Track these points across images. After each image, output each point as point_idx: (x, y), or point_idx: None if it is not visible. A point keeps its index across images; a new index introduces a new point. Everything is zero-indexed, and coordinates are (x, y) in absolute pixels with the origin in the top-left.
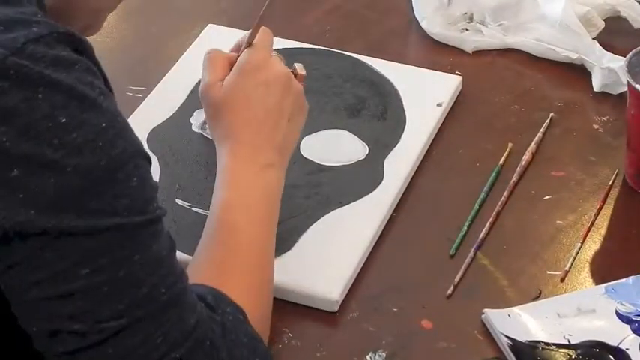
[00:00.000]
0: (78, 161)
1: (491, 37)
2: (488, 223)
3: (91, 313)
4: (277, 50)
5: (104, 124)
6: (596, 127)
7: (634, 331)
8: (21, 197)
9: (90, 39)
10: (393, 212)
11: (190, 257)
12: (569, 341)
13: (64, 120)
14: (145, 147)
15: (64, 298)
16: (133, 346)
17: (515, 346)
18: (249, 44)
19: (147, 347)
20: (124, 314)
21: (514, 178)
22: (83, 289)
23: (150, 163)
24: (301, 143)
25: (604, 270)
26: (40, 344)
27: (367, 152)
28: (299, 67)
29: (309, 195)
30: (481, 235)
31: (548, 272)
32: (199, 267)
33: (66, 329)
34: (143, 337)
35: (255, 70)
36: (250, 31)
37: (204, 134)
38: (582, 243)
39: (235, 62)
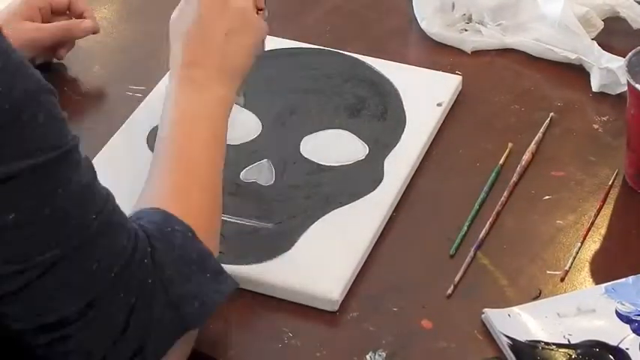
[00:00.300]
0: None
1: (490, 37)
2: (488, 223)
3: (26, 252)
4: (278, 50)
5: (0, 65)
6: (596, 127)
7: (634, 331)
8: None
9: (90, 39)
10: (393, 212)
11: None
12: (569, 341)
13: None
14: (145, 147)
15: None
16: (71, 275)
17: (515, 345)
18: None
19: (84, 274)
20: (58, 246)
21: (514, 178)
22: (13, 232)
23: (55, 95)
24: (301, 143)
25: (604, 270)
26: None
27: (367, 152)
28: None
29: (309, 195)
30: (481, 235)
31: (548, 272)
32: (152, 193)
33: (4, 272)
34: (79, 265)
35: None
36: None
37: None
38: (582, 243)
39: None
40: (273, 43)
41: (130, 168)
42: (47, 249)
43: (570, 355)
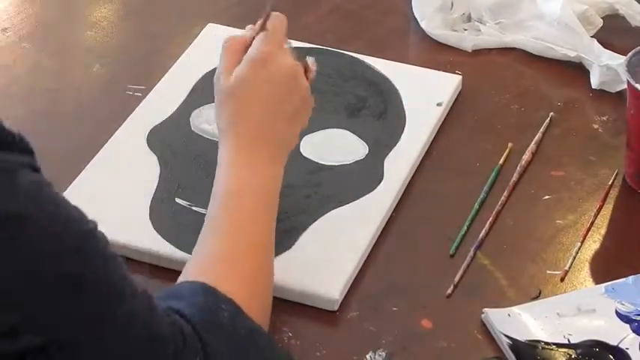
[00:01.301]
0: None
1: (489, 36)
2: (488, 223)
3: None
4: None
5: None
6: (595, 126)
7: (634, 331)
8: None
9: (90, 39)
10: (393, 212)
11: (189, 256)
12: (569, 341)
13: None
14: (145, 147)
15: None
16: None
17: (515, 345)
18: (262, 29)
19: None
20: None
21: (514, 178)
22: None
23: (99, 237)
24: (301, 143)
25: (604, 270)
26: None
27: (367, 152)
28: (310, 62)
29: (309, 194)
30: (481, 235)
31: (548, 272)
32: (201, 258)
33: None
34: None
35: (263, 63)
36: (264, 15)
37: (199, 132)
38: (582, 243)
39: (249, 46)
40: None
41: (129, 168)
42: None
43: (570, 355)
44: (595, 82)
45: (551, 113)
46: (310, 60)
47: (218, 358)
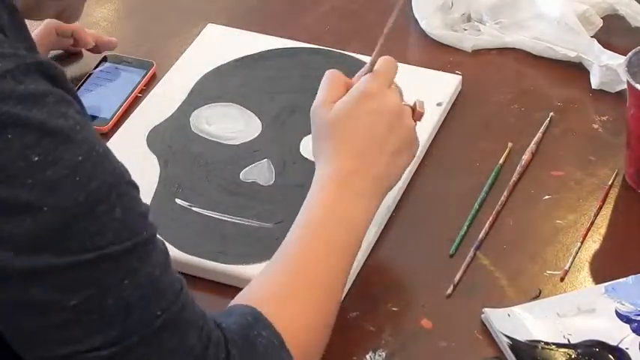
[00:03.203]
0: (54, 200)
1: (489, 36)
2: (488, 222)
3: (84, 341)
4: (278, 50)
5: (80, 157)
6: (595, 126)
7: (634, 331)
8: None
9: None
10: (393, 212)
11: (190, 256)
12: (569, 341)
13: (37, 159)
14: (145, 147)
15: (57, 327)
16: None
17: (515, 345)
18: (370, 70)
19: None
20: (117, 341)
21: (514, 178)
22: (73, 318)
23: (137, 188)
24: (301, 143)
25: (604, 270)
26: None
27: None
28: (419, 104)
29: None
30: (481, 235)
31: (548, 272)
32: (261, 282)
33: (62, 357)
34: None
35: (369, 97)
36: (373, 55)
37: (198, 132)
38: (582, 243)
39: (351, 84)
40: (273, 43)
41: (129, 168)
42: (105, 342)
43: (570, 355)
44: (595, 82)
45: (551, 113)
46: (419, 102)
47: None
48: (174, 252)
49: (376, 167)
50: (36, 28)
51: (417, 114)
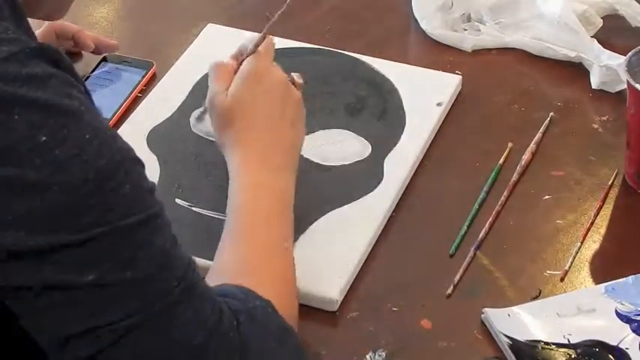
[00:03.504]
0: (63, 178)
1: (489, 36)
2: (488, 222)
3: (103, 315)
4: (278, 50)
5: (87, 136)
6: (595, 126)
7: (634, 331)
8: (9, 219)
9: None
10: (393, 212)
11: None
12: (568, 341)
13: (44, 138)
14: (145, 147)
15: (74, 304)
16: (150, 342)
17: (515, 345)
18: (253, 51)
19: (163, 342)
20: (138, 312)
21: (514, 178)
22: (91, 294)
23: (142, 165)
24: None
25: (604, 270)
26: (56, 356)
27: (367, 152)
28: (296, 76)
29: (309, 195)
30: (481, 235)
31: (548, 272)
32: (223, 267)
33: (79, 335)
34: (158, 333)
35: (257, 78)
36: (256, 37)
37: (199, 132)
38: (582, 243)
39: (238, 70)
40: None
41: None
42: (125, 314)
43: (570, 355)
44: (595, 82)
45: (551, 113)
46: (296, 75)
47: (251, 340)
48: None
49: (282, 140)
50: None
51: (297, 85)
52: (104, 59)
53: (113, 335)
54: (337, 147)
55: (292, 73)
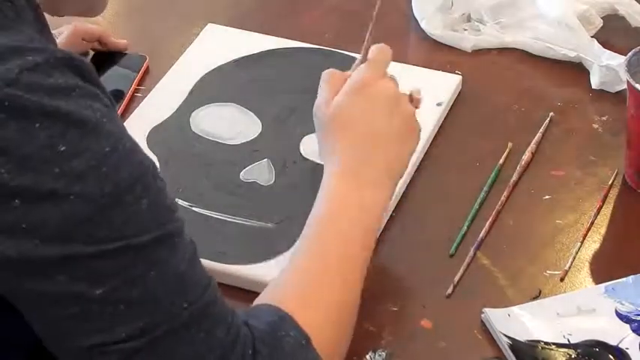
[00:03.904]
0: (80, 189)
1: (489, 36)
2: (488, 222)
3: (110, 333)
4: (278, 50)
5: (107, 149)
6: (595, 126)
7: (634, 331)
8: (23, 227)
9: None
10: (394, 212)
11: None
12: (568, 341)
13: (63, 148)
14: (145, 147)
15: (84, 317)
16: None
17: (515, 345)
18: (364, 60)
19: None
20: (144, 333)
21: (514, 178)
22: (100, 309)
23: (163, 181)
24: (301, 143)
25: (604, 270)
26: None
27: None
28: (415, 92)
29: (309, 195)
30: (481, 235)
31: (548, 272)
32: (284, 282)
33: (87, 349)
34: (165, 356)
35: (363, 88)
36: (364, 44)
37: (198, 132)
38: (582, 243)
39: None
40: (273, 43)
41: None
42: (129, 335)
43: (570, 355)
44: (595, 82)
45: (551, 113)
46: (415, 90)
47: None
48: None
49: (383, 154)
50: (61, 34)
51: (415, 100)
52: (95, 56)
53: (120, 355)
54: None
55: (411, 89)
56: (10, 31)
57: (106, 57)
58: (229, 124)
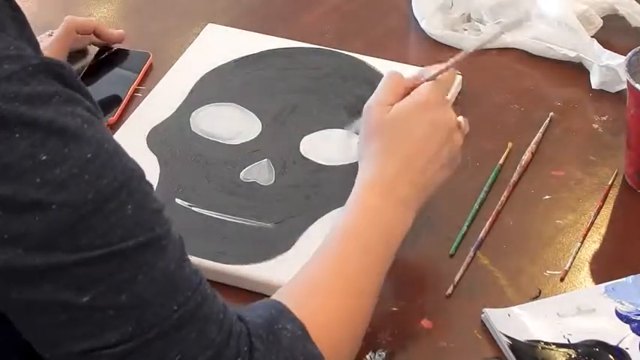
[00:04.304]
0: (63, 198)
1: (489, 36)
2: (488, 222)
3: (99, 338)
4: (278, 50)
5: (89, 155)
6: (595, 126)
7: (634, 331)
8: (5, 237)
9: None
10: None
11: (190, 256)
12: (568, 341)
13: (44, 157)
14: (145, 147)
15: (72, 324)
16: None
17: (515, 345)
18: (434, 78)
19: None
20: (134, 337)
21: (514, 178)
22: (88, 315)
23: (149, 184)
24: (301, 143)
25: (604, 270)
26: None
27: None
28: (464, 121)
29: (309, 195)
30: (481, 235)
31: (548, 272)
32: (296, 280)
33: (77, 354)
34: (157, 358)
35: (429, 107)
36: (444, 66)
37: (198, 132)
38: (582, 243)
39: (411, 90)
40: (273, 43)
41: None
42: (120, 338)
43: (570, 355)
44: (595, 82)
45: (551, 113)
46: (464, 120)
47: None
48: None
49: (422, 177)
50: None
51: (462, 130)
52: (100, 52)
53: (111, 359)
54: (337, 147)
55: (461, 117)
56: None
57: (109, 56)
58: (229, 124)
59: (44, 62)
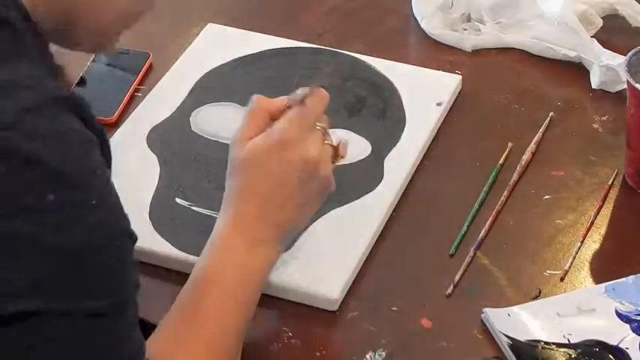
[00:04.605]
0: (57, 240)
1: (489, 36)
2: (488, 222)
3: None
4: (278, 50)
5: (93, 202)
6: (595, 126)
7: (634, 331)
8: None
9: None
10: (393, 212)
11: (189, 256)
12: (568, 340)
13: (52, 197)
14: (145, 147)
15: None
16: None
17: (515, 345)
18: (300, 102)
19: None
20: None
21: (514, 178)
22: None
23: (134, 242)
24: None
25: (604, 269)
26: None
27: (367, 152)
28: (342, 148)
29: None
30: (481, 235)
31: (548, 272)
32: (160, 333)
33: None
34: None
35: (285, 146)
36: (306, 90)
37: (199, 132)
38: (582, 242)
39: (277, 114)
40: (273, 43)
41: (129, 168)
42: None
43: (570, 355)
44: (595, 82)
45: (551, 113)
46: (343, 145)
47: None
48: (174, 252)
49: (281, 215)
50: None
51: (338, 156)
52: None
53: None
54: None
55: (340, 141)
56: (7, 65)
57: (108, 56)
58: (229, 123)
59: (61, 96)
